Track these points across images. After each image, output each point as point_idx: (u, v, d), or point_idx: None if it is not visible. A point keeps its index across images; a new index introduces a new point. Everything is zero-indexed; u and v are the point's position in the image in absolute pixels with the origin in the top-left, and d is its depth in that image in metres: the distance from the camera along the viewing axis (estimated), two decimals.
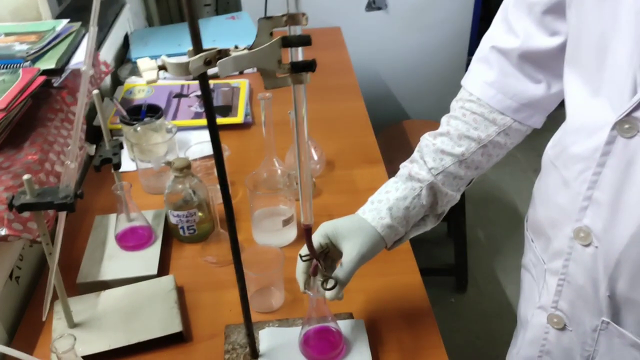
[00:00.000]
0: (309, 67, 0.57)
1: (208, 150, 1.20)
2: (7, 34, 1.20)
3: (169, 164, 1.04)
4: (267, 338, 0.85)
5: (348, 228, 0.78)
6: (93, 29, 0.67)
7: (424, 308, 0.93)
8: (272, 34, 0.56)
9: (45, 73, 1.08)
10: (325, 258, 0.78)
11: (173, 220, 1.06)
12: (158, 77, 0.56)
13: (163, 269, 1.01)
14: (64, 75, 1.12)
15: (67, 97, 1.12)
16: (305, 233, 0.72)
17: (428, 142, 0.82)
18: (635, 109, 0.58)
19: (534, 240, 0.84)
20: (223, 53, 0.55)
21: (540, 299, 0.79)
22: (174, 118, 1.43)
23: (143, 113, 1.31)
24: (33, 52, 1.11)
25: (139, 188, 1.21)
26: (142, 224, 1.04)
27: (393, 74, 2.54)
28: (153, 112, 1.31)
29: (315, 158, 1.23)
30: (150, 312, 0.89)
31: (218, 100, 1.51)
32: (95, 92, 0.94)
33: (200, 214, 1.06)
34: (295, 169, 0.85)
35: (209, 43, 0.53)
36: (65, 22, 1.24)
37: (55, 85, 1.10)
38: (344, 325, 0.86)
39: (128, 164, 1.25)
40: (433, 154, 0.80)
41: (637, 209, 0.60)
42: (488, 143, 0.80)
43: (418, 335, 0.88)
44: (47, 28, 1.21)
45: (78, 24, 1.26)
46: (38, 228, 0.76)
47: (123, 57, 1.74)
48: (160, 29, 1.97)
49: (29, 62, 1.10)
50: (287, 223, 1.04)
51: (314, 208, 0.71)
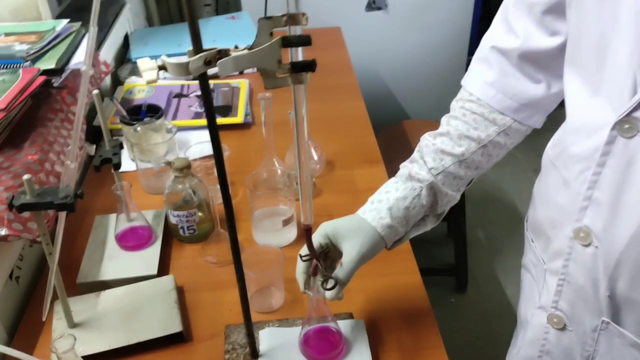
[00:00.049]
0: (309, 67, 0.57)
1: (208, 150, 1.20)
2: (7, 34, 1.20)
3: (169, 164, 1.04)
4: (267, 338, 0.85)
5: (348, 228, 0.78)
6: (93, 29, 0.67)
7: (424, 308, 0.93)
8: (272, 34, 0.56)
9: (45, 73, 1.08)
10: (325, 258, 0.78)
11: (173, 220, 1.06)
12: (158, 77, 0.56)
13: (163, 269, 1.01)
14: (64, 75, 1.12)
15: (67, 97, 1.12)
16: (305, 233, 0.72)
17: (428, 142, 0.82)
18: (635, 109, 0.58)
19: (534, 240, 0.84)
20: (223, 53, 0.55)
21: (540, 299, 0.79)
22: (174, 118, 1.43)
23: (143, 113, 1.31)
24: (33, 52, 1.11)
25: (139, 188, 1.21)
26: (142, 224, 1.04)
27: (393, 74, 2.54)
28: (153, 112, 1.31)
29: (315, 158, 1.23)
30: (150, 312, 0.89)
31: (218, 100, 1.51)
32: (95, 92, 0.94)
33: (200, 214, 1.06)
34: (295, 169, 0.85)
35: (209, 43, 0.53)
36: (65, 22, 1.24)
37: (55, 85, 1.10)
38: (344, 325, 0.86)
39: (128, 164, 1.25)
40: (433, 154, 0.80)
41: (637, 209, 0.60)
42: (488, 143, 0.80)
43: (418, 335, 0.88)
44: (47, 28, 1.21)
45: (78, 24, 1.26)
46: (38, 228, 0.76)
47: (123, 57, 1.74)
48: (160, 29, 1.97)
49: (29, 62, 1.10)
50: (287, 223, 1.04)
51: (314, 208, 0.71)
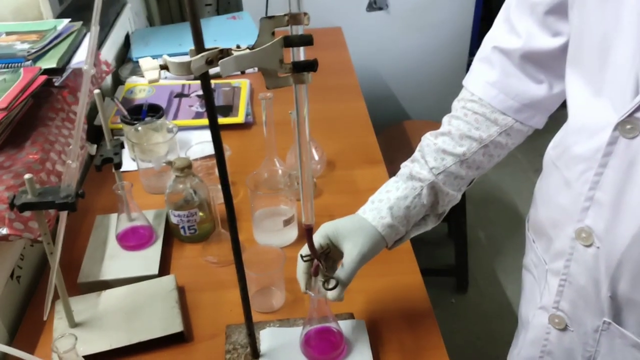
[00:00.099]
0: (311, 67, 0.57)
1: (209, 150, 1.20)
2: (8, 33, 1.20)
3: (170, 164, 1.04)
4: (268, 338, 0.85)
5: (349, 228, 0.78)
6: (95, 28, 0.67)
7: (425, 308, 0.93)
8: (274, 34, 0.56)
9: (47, 72, 1.08)
10: (326, 258, 0.78)
11: (174, 220, 1.06)
12: (160, 76, 0.56)
13: (164, 269, 1.01)
14: (65, 75, 1.12)
15: (68, 96, 1.12)
16: (307, 233, 0.72)
17: (429, 141, 0.82)
18: (638, 110, 0.58)
19: (535, 241, 0.83)
20: (225, 52, 0.55)
21: (542, 300, 0.79)
22: (175, 118, 1.43)
23: (144, 113, 1.31)
24: (34, 51, 1.11)
25: (140, 188, 1.21)
26: (143, 224, 1.04)
27: (394, 74, 2.54)
28: (154, 111, 1.31)
29: (316, 158, 1.23)
30: (151, 312, 0.89)
31: (219, 100, 1.51)
32: (97, 91, 0.94)
33: (201, 214, 1.06)
34: (296, 169, 0.85)
35: (210, 43, 0.53)
36: (67, 21, 1.24)
37: (57, 85, 1.10)
38: (345, 326, 0.86)
39: (129, 164, 1.26)
40: (434, 154, 0.80)
41: (638, 210, 0.60)
42: (489, 143, 0.80)
43: (419, 336, 0.88)
44: (48, 27, 1.21)
45: (79, 24, 1.26)
46: (39, 227, 0.76)
47: (124, 56, 1.74)
48: (161, 29, 1.97)
49: (30, 61, 1.10)
50: (288, 223, 1.04)
51: (315, 208, 0.71)
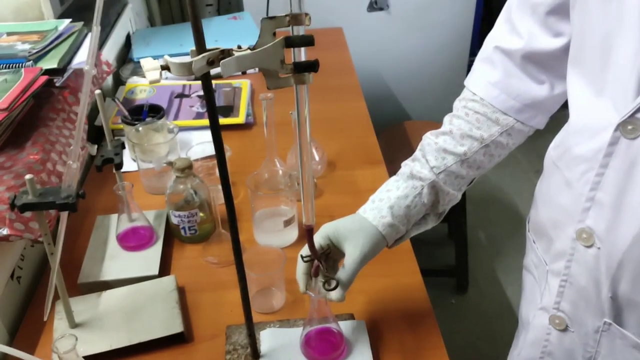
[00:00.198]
0: (312, 67, 0.57)
1: (209, 151, 1.20)
2: (9, 34, 1.20)
3: (171, 164, 1.04)
4: (268, 339, 0.85)
5: (349, 229, 0.77)
6: (96, 29, 0.67)
7: (425, 309, 0.93)
8: (275, 34, 0.56)
9: (48, 73, 1.08)
10: (327, 259, 0.78)
11: (174, 221, 1.06)
12: (161, 77, 0.56)
13: (164, 269, 1.01)
14: (66, 75, 1.12)
15: (69, 96, 1.12)
16: (307, 233, 0.72)
17: (430, 140, 0.82)
18: (639, 110, 0.58)
19: (536, 241, 0.83)
20: (226, 53, 0.55)
21: (542, 300, 0.79)
22: (176, 118, 1.43)
23: (145, 113, 1.31)
24: (35, 51, 1.11)
25: (141, 188, 1.21)
26: (143, 224, 1.04)
27: (394, 75, 2.54)
28: (155, 112, 1.31)
29: (317, 158, 1.23)
30: (152, 312, 0.89)
31: (220, 101, 1.51)
32: (98, 92, 0.94)
33: (202, 215, 1.06)
34: (297, 170, 0.85)
35: (211, 43, 0.53)
36: (68, 21, 1.24)
37: (58, 85, 1.10)
38: (345, 326, 0.86)
39: (129, 164, 1.26)
40: (435, 153, 0.80)
41: (639, 210, 0.60)
42: (490, 143, 0.80)
43: (419, 336, 0.88)
44: (49, 27, 1.21)
45: (80, 24, 1.26)
46: (40, 228, 0.76)
47: (125, 57, 1.74)
48: (162, 29, 1.97)
49: (31, 61, 1.10)
50: (288, 223, 1.04)
51: (315, 209, 0.71)
